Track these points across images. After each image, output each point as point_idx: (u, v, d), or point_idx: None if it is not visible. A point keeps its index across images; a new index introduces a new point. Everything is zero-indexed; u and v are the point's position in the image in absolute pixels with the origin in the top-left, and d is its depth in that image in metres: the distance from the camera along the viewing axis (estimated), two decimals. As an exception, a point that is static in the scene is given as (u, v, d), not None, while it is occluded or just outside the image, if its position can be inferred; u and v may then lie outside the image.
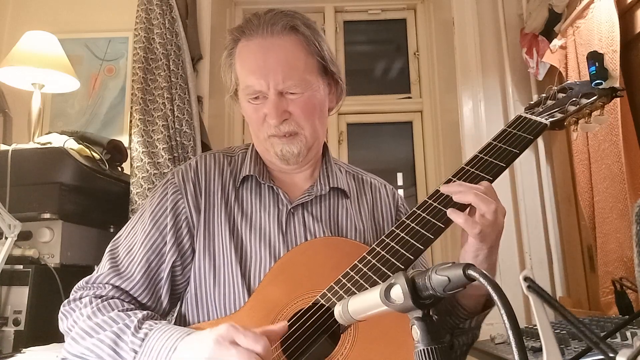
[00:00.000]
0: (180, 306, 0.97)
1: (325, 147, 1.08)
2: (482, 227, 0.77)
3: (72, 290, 0.92)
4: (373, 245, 0.84)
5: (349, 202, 1.03)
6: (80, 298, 0.89)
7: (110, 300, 0.87)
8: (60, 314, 0.89)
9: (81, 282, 0.92)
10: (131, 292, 0.90)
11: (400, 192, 2.75)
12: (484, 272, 0.47)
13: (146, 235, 0.93)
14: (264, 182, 0.99)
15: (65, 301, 0.90)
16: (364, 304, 0.57)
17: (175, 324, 0.97)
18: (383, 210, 1.06)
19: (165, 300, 0.93)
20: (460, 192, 0.80)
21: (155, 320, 0.84)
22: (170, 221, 0.94)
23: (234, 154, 1.06)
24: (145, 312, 0.85)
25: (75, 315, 0.86)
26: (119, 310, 0.84)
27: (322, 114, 1.00)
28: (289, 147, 0.95)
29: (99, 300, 0.86)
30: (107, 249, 0.96)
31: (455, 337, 0.90)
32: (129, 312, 0.84)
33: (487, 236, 0.79)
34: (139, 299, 0.90)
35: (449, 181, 0.86)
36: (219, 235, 0.95)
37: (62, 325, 0.87)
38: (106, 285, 0.89)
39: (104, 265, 0.93)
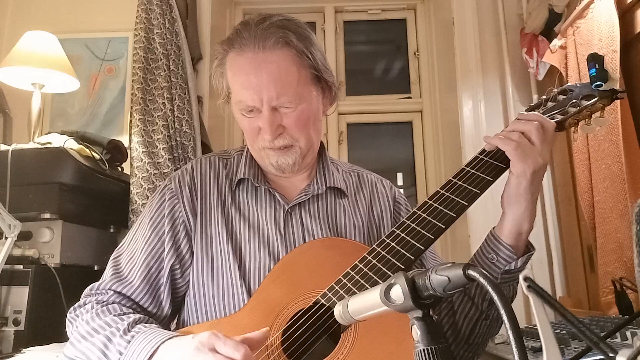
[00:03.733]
0: (182, 309, 0.98)
1: (322, 147, 1.08)
2: (519, 143, 0.81)
3: (80, 298, 0.94)
4: (374, 246, 0.84)
5: (347, 200, 1.04)
6: (85, 304, 0.91)
7: (109, 306, 0.88)
8: (67, 321, 0.91)
9: (86, 290, 0.94)
10: (132, 297, 0.91)
11: (400, 192, 2.75)
12: (484, 272, 0.47)
13: (146, 241, 0.95)
14: (259, 184, 1.00)
15: (72, 308, 0.92)
16: (364, 303, 0.57)
17: (176, 326, 0.98)
18: (380, 203, 1.07)
19: (166, 305, 0.94)
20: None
21: (147, 324, 0.85)
22: (168, 226, 0.96)
23: (229, 157, 1.06)
24: (138, 316, 0.86)
25: (78, 320, 0.88)
26: (114, 315, 0.86)
27: (316, 122, 0.99)
28: (284, 159, 0.96)
29: (100, 305, 0.88)
30: (111, 257, 0.98)
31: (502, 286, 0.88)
32: (123, 317, 0.85)
33: (528, 156, 0.81)
34: (140, 303, 0.92)
35: (448, 182, 0.86)
36: (217, 238, 0.95)
37: (69, 332, 0.90)
38: (108, 291, 0.91)
39: (107, 273, 0.95)
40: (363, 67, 2.96)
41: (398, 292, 0.51)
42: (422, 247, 0.80)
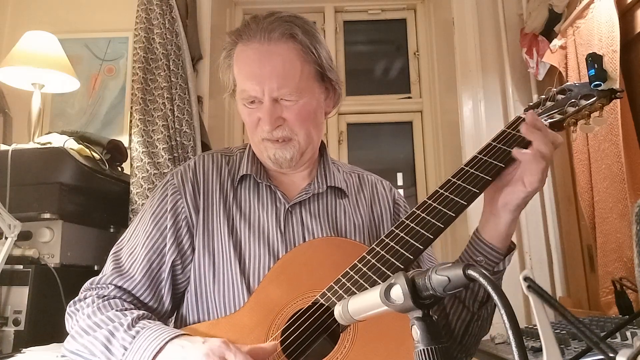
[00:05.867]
0: (181, 305, 0.98)
1: (323, 146, 1.09)
2: (546, 161, 0.82)
3: (79, 292, 0.94)
4: (373, 245, 0.84)
5: (347, 200, 1.04)
6: (85, 298, 0.91)
7: (111, 300, 0.88)
8: (66, 315, 0.91)
9: (86, 284, 0.94)
10: (133, 292, 0.91)
11: (400, 192, 2.75)
12: (484, 272, 0.47)
13: (147, 236, 0.95)
14: (261, 181, 1.00)
15: (72, 302, 0.92)
16: (364, 304, 0.57)
17: (175, 322, 0.99)
18: (381, 204, 1.07)
19: (167, 300, 0.94)
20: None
21: (151, 320, 0.85)
22: (170, 221, 0.96)
23: (232, 154, 1.07)
24: (141, 312, 0.86)
25: (79, 314, 0.88)
26: (117, 310, 0.86)
27: (317, 120, 1.00)
28: (281, 152, 0.96)
29: (101, 300, 0.88)
30: (111, 252, 0.98)
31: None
32: (125, 312, 0.85)
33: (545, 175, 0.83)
34: (141, 298, 0.92)
35: (448, 182, 0.86)
36: (218, 234, 0.96)
37: (68, 325, 0.90)
38: (109, 286, 0.91)
39: (107, 267, 0.95)
40: (363, 67, 2.95)
41: (398, 292, 0.51)
42: (422, 247, 0.80)
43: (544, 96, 0.97)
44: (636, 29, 1.57)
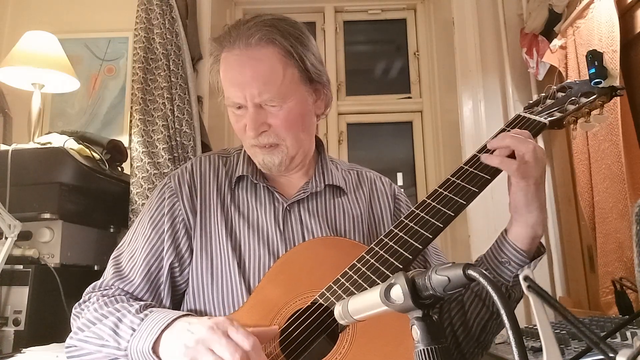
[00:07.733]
0: (181, 306, 0.99)
1: (320, 145, 1.09)
2: (520, 163, 0.81)
3: (82, 295, 0.95)
4: (372, 245, 0.84)
5: (346, 198, 1.04)
6: (89, 299, 0.92)
7: (116, 296, 0.90)
8: (72, 317, 0.92)
9: (89, 288, 0.95)
10: (134, 294, 0.93)
11: (400, 188, 2.74)
12: (484, 272, 0.47)
13: (146, 239, 0.96)
14: (258, 182, 1.00)
15: (76, 304, 0.93)
16: (364, 304, 0.57)
17: None
18: (380, 201, 1.07)
19: (167, 303, 0.95)
20: (498, 141, 0.86)
21: (159, 308, 0.88)
22: (167, 224, 0.96)
23: (229, 155, 1.07)
24: (148, 302, 0.89)
25: (85, 312, 0.89)
26: (123, 302, 0.88)
27: (306, 123, 0.99)
28: (270, 158, 0.96)
29: (105, 297, 0.90)
30: (112, 256, 0.99)
31: (511, 289, 0.87)
32: (132, 303, 0.88)
33: (529, 172, 0.81)
34: (142, 300, 0.93)
35: (447, 181, 0.86)
36: (216, 235, 0.96)
37: (74, 326, 0.91)
38: (112, 287, 0.93)
39: (108, 272, 0.96)
40: (363, 67, 2.95)
41: (398, 292, 0.51)
42: (421, 247, 0.80)
43: (544, 94, 0.97)
44: (636, 29, 1.57)
